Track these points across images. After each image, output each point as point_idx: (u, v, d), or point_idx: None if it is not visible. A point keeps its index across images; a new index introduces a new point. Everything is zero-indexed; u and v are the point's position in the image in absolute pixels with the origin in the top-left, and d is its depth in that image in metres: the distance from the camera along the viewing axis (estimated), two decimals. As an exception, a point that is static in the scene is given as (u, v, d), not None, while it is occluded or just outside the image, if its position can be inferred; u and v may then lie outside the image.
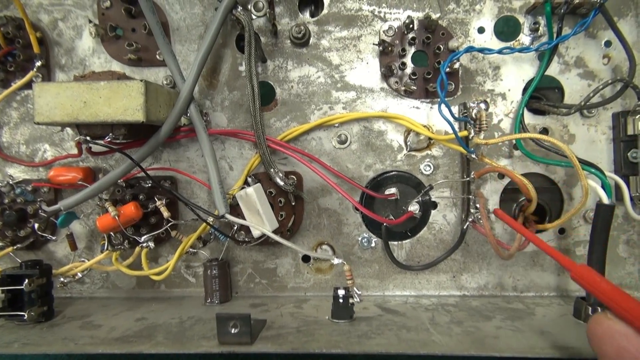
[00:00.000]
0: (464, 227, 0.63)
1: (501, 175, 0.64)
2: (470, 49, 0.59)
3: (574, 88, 0.64)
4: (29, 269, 0.59)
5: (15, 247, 0.66)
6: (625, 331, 0.29)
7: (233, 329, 0.49)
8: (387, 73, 0.64)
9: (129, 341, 0.52)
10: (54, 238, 0.67)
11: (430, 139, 0.64)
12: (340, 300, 0.56)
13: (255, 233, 0.61)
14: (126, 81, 0.53)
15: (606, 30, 0.63)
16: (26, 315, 0.57)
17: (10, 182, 0.66)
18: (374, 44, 0.65)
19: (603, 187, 0.54)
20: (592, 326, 0.31)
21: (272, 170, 0.62)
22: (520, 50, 0.60)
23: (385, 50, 0.64)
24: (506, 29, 0.65)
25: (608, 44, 0.63)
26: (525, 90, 0.63)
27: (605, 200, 0.54)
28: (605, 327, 0.30)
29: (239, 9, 0.60)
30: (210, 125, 0.66)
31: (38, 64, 0.65)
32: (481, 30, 0.64)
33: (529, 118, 0.64)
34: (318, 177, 0.63)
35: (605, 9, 0.59)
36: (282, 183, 0.62)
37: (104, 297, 0.69)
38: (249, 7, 0.61)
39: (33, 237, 0.66)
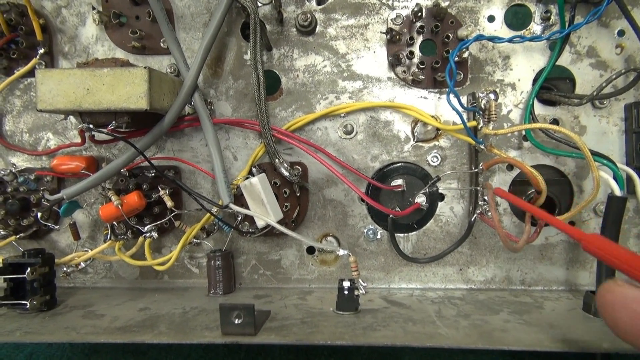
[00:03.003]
0: (472, 220, 0.62)
1: (510, 167, 0.63)
2: (479, 38, 0.58)
3: (585, 78, 0.62)
4: (31, 257, 0.59)
5: (18, 236, 0.65)
6: (639, 296, 0.28)
7: (236, 320, 0.48)
8: (394, 62, 0.63)
9: (131, 331, 0.51)
10: (56, 227, 0.67)
11: (438, 129, 0.63)
12: (345, 292, 0.55)
13: (260, 223, 0.60)
14: (130, 68, 0.53)
15: (619, 19, 0.61)
16: (28, 304, 0.57)
17: (13, 171, 0.65)
18: (381, 32, 0.63)
19: (615, 179, 0.53)
20: (602, 294, 0.30)
21: (276, 160, 0.62)
22: (531, 39, 0.59)
23: (393, 39, 0.63)
24: (516, 18, 0.64)
25: (621, 33, 0.61)
26: (535, 80, 0.62)
27: (617, 192, 0.53)
28: (617, 294, 0.29)
29: (244, -4, 0.59)
30: (214, 115, 0.65)
31: (41, 51, 0.65)
32: (491, 18, 0.63)
33: (539, 109, 0.63)
34: (323, 168, 0.62)
35: (619, -4, 0.57)
36: (287, 173, 0.61)
37: (107, 287, 0.69)
38: (255, -6, 0.60)
39: (36, 226, 0.66)
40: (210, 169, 0.64)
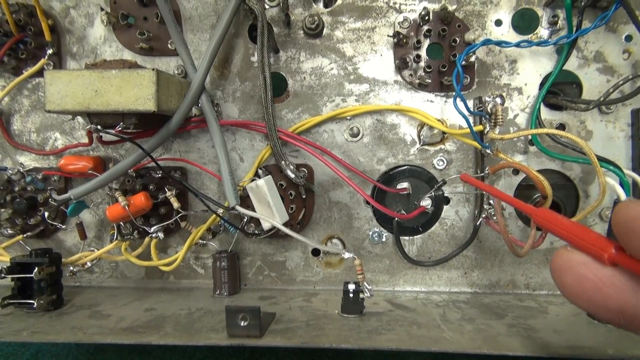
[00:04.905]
0: (477, 223, 0.62)
1: (516, 171, 0.63)
2: (487, 42, 0.58)
3: (592, 83, 0.62)
4: (38, 257, 0.59)
5: (25, 235, 0.66)
6: (584, 260, 0.30)
7: (242, 322, 0.49)
8: (401, 65, 0.63)
9: (137, 331, 0.52)
10: (63, 227, 0.67)
11: (444, 133, 0.63)
12: (351, 295, 0.55)
13: (265, 225, 0.61)
14: (138, 70, 0.53)
15: (627, 24, 0.61)
16: (35, 304, 0.57)
17: (21, 170, 0.66)
18: (388, 35, 0.64)
19: (621, 184, 0.53)
20: (553, 260, 0.32)
21: (283, 162, 0.62)
22: (539, 44, 0.58)
23: (400, 42, 0.63)
24: (524, 22, 0.64)
25: (629, 38, 0.61)
26: (542, 84, 0.62)
27: (624, 197, 0.53)
28: (565, 259, 0.31)
29: (252, -2, 0.59)
30: (221, 116, 0.66)
31: (49, 51, 0.65)
32: (498, 22, 0.63)
33: (545, 113, 0.63)
34: (329, 170, 0.62)
35: (627, 2, 0.57)
36: (292, 175, 0.62)
37: (113, 286, 0.69)
38: (262, -4, 0.61)
39: (43, 225, 0.66)
40: (217, 171, 0.64)
